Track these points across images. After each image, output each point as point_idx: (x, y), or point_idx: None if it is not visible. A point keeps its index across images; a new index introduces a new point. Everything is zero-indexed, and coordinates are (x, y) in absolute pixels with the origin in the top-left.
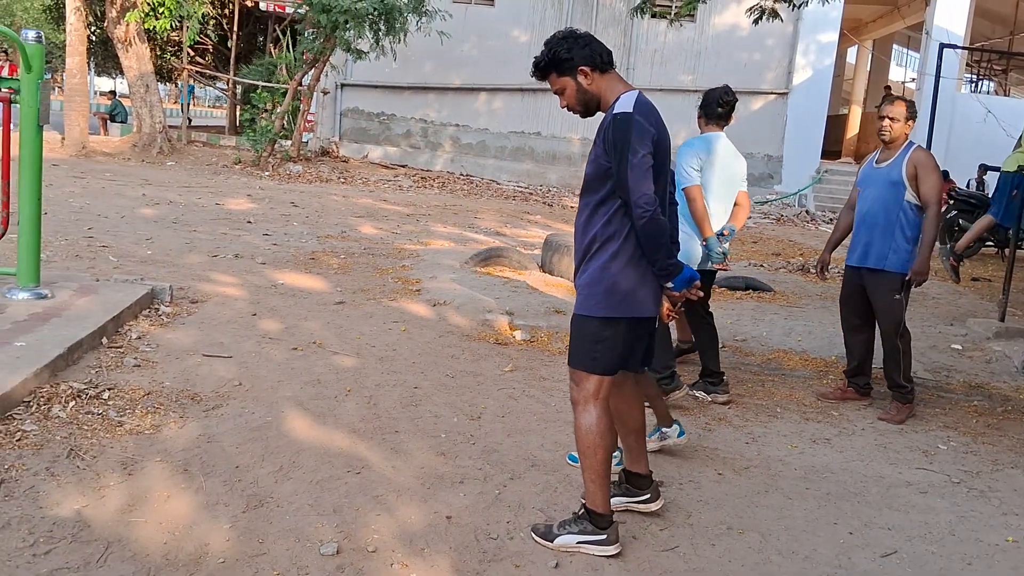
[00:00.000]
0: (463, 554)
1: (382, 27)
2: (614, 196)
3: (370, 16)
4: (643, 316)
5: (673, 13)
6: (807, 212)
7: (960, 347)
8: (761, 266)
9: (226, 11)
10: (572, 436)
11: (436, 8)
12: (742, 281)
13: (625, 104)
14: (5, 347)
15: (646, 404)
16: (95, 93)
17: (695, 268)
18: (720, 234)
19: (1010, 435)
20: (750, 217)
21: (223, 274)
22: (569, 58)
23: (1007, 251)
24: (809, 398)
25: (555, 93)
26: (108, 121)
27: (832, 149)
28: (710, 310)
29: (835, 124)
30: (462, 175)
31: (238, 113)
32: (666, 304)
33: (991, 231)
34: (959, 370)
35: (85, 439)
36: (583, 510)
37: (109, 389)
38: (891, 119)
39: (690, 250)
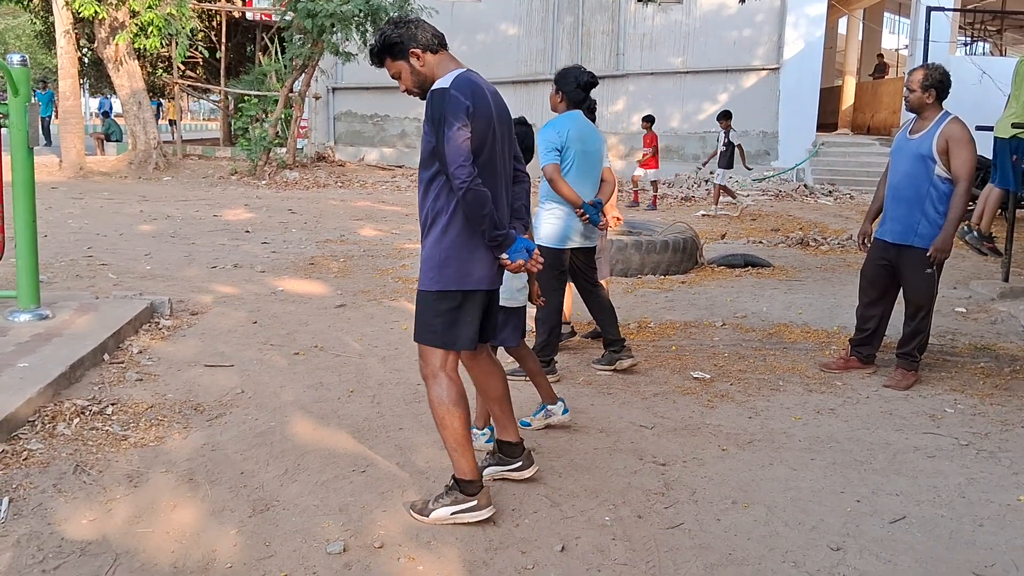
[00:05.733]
0: (469, 544)
1: (369, 28)
2: (441, 172)
3: (356, 18)
4: (476, 289)
5: None
6: (805, 186)
7: (964, 310)
8: (760, 242)
9: (214, 23)
10: (577, 422)
11: (422, 5)
12: (740, 258)
13: (444, 81)
14: (8, 368)
15: (526, 378)
16: (90, 114)
17: (571, 244)
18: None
19: (1019, 395)
20: (747, 195)
21: (223, 284)
22: (399, 41)
23: (1008, 212)
24: (812, 370)
25: (393, 78)
26: (104, 141)
27: (828, 121)
28: (597, 281)
29: (830, 96)
30: None
31: (232, 124)
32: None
33: None
34: (964, 332)
35: (90, 454)
36: (452, 481)
37: (112, 404)
38: (908, 88)
39: (566, 226)
